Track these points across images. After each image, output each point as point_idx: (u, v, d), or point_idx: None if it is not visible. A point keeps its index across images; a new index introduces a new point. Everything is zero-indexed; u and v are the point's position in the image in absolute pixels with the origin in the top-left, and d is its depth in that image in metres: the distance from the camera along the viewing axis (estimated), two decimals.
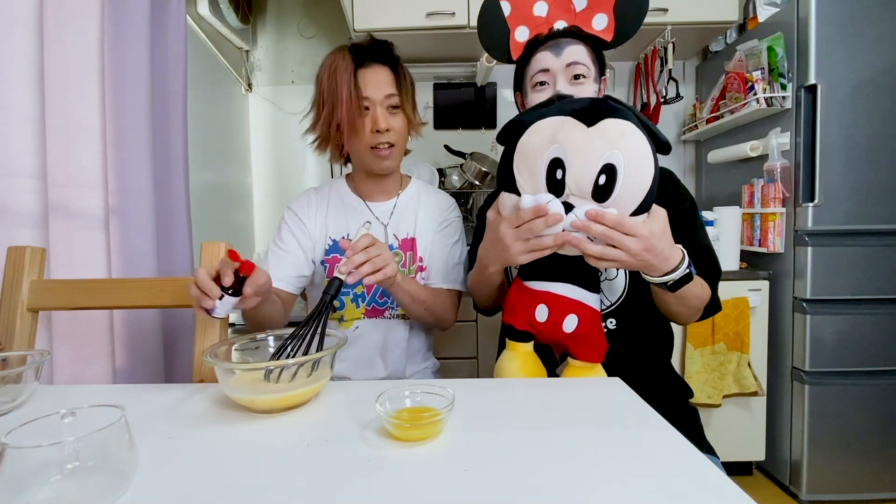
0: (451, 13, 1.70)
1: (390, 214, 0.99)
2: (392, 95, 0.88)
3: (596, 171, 0.60)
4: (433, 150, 2.11)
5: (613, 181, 0.60)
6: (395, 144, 0.91)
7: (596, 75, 0.82)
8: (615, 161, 0.60)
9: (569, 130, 0.62)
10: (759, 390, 1.55)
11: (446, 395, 0.51)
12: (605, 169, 0.60)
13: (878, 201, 1.46)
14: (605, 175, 0.60)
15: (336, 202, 0.99)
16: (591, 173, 0.61)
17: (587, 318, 0.70)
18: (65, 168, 0.88)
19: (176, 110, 1.17)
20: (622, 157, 0.60)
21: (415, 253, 0.97)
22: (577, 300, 0.70)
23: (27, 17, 0.78)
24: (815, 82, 1.44)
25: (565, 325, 0.70)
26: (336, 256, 0.95)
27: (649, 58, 1.92)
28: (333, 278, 0.71)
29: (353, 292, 0.95)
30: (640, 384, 0.64)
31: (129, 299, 0.76)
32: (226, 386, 0.56)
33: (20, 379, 0.58)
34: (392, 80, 0.89)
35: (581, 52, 0.80)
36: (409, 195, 1.02)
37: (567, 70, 0.80)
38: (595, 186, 0.61)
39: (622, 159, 0.60)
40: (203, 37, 1.76)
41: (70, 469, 0.37)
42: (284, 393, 0.55)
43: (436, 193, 1.05)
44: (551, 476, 0.41)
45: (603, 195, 0.61)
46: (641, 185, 0.61)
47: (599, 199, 0.61)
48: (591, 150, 0.61)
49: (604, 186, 0.61)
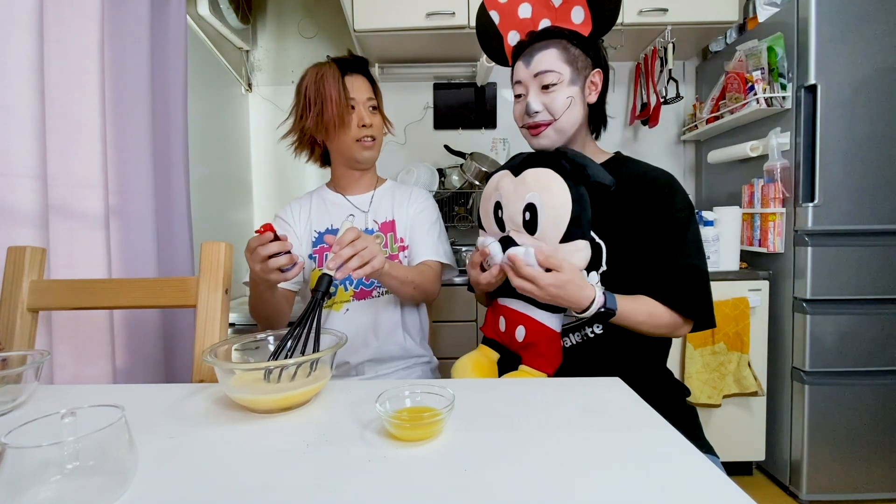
0: (451, 13, 1.70)
1: (369, 203, 1.09)
2: (371, 99, 1.04)
3: (521, 210, 0.76)
4: (433, 150, 2.12)
5: (536, 217, 0.75)
6: (376, 139, 1.05)
7: (573, 76, 0.82)
8: (534, 200, 0.75)
9: (504, 181, 0.81)
10: (759, 390, 1.55)
11: (446, 395, 0.51)
12: (528, 207, 0.75)
13: (878, 201, 1.46)
14: (528, 212, 0.75)
15: (318, 201, 1.11)
16: (518, 211, 0.76)
17: (534, 329, 0.80)
18: (65, 168, 0.88)
19: (176, 110, 1.17)
20: (539, 197, 0.74)
21: (395, 234, 1.06)
22: (524, 313, 0.81)
23: (27, 17, 0.78)
24: (815, 82, 1.44)
25: (517, 334, 0.82)
26: (323, 247, 1.04)
27: (649, 58, 1.93)
28: (323, 275, 0.71)
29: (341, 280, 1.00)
30: (634, 386, 0.64)
31: (129, 299, 0.76)
32: (226, 386, 0.56)
33: (20, 379, 0.58)
34: (370, 87, 1.05)
35: (550, 58, 0.81)
36: (384, 189, 1.13)
37: (536, 80, 0.82)
38: (524, 221, 0.76)
39: (539, 199, 0.74)
40: (203, 37, 1.76)
41: (70, 469, 0.37)
42: (284, 393, 0.55)
43: (409, 188, 1.15)
44: (551, 476, 0.41)
45: (531, 228, 0.75)
46: (560, 217, 0.73)
47: (530, 231, 0.76)
48: (517, 194, 0.77)
49: (529, 221, 0.75)
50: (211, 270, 0.74)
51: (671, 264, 0.78)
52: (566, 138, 0.84)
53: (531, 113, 0.83)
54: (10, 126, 0.77)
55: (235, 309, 1.64)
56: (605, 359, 0.80)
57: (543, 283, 0.70)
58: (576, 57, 0.82)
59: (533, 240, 0.75)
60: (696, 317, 0.79)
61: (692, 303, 0.78)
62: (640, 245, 0.79)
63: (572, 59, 0.82)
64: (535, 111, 0.82)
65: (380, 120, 1.07)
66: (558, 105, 0.81)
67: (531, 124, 0.84)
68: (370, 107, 1.04)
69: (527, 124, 0.86)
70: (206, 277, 0.74)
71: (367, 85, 1.05)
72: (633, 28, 1.76)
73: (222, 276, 0.75)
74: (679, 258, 0.79)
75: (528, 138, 0.87)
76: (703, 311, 0.79)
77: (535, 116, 0.83)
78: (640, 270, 0.79)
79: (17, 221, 0.79)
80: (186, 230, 1.21)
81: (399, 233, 1.07)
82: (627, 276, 0.79)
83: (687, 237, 0.80)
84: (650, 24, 1.73)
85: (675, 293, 0.78)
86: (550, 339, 0.79)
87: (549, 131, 0.83)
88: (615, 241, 0.80)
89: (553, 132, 0.83)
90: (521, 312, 0.81)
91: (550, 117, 0.82)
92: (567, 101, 0.81)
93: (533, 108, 0.82)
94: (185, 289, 0.76)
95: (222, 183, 1.93)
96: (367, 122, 1.02)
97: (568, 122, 0.83)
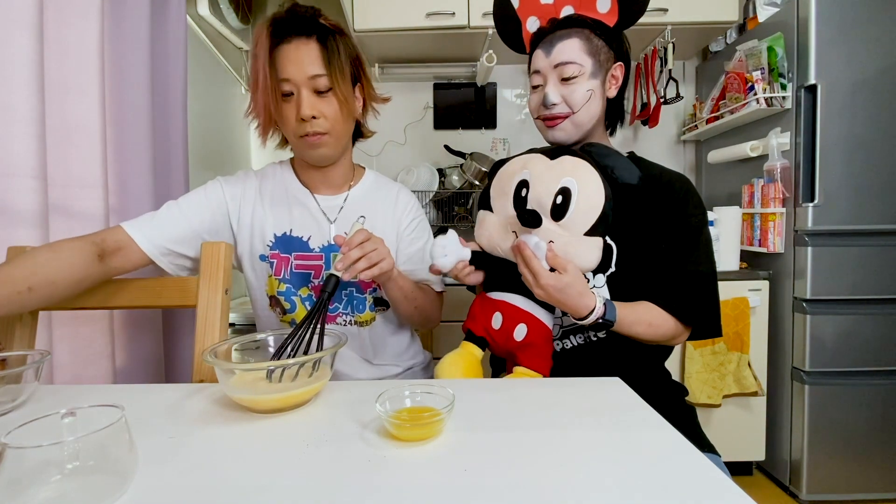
0: (451, 13, 1.70)
1: (339, 210, 0.88)
2: (318, 76, 0.75)
3: (554, 192, 0.70)
4: (433, 150, 2.12)
5: (568, 202, 0.70)
6: (330, 132, 0.79)
7: (594, 69, 0.78)
8: (570, 185, 0.70)
9: (535, 161, 0.75)
10: (759, 390, 1.55)
11: (446, 395, 0.51)
12: (562, 191, 0.70)
13: (878, 201, 1.46)
14: (561, 195, 0.70)
15: (280, 193, 0.88)
16: (550, 193, 0.71)
17: (536, 329, 0.77)
18: (65, 168, 0.88)
19: (176, 110, 1.17)
20: (576, 183, 0.70)
21: None
22: (528, 311, 0.77)
23: (27, 18, 0.78)
24: (815, 82, 1.44)
25: (516, 333, 0.77)
26: (277, 254, 0.87)
27: (649, 58, 1.92)
28: (330, 275, 0.70)
29: (300, 294, 0.88)
30: (633, 386, 0.64)
31: (129, 299, 0.76)
32: (226, 386, 0.56)
33: (20, 379, 0.58)
34: (319, 55, 0.75)
35: (572, 48, 0.77)
36: (361, 191, 0.92)
37: (555, 71, 0.79)
38: (553, 205, 0.70)
39: (576, 185, 0.70)
40: (203, 37, 1.76)
41: (70, 469, 0.37)
42: (285, 393, 0.55)
43: (395, 189, 0.95)
44: (551, 476, 0.41)
45: (559, 214, 0.70)
46: (593, 208, 0.70)
47: (556, 217, 0.70)
48: (551, 175, 0.72)
49: (560, 206, 0.70)
50: (211, 270, 0.74)
51: (678, 270, 0.76)
52: (583, 133, 0.81)
53: (548, 105, 0.79)
54: (10, 126, 0.77)
55: (235, 309, 1.64)
56: (605, 360, 0.80)
57: (543, 281, 0.67)
58: (598, 48, 0.78)
59: (556, 225, 0.70)
60: (697, 324, 0.77)
61: (694, 310, 0.76)
62: (651, 248, 0.77)
63: (595, 51, 0.78)
64: (553, 103, 0.79)
65: (333, 105, 0.77)
66: (577, 98, 0.78)
67: (547, 116, 0.81)
68: (317, 89, 0.76)
69: (543, 116, 0.81)
70: (206, 277, 0.74)
71: (316, 53, 0.75)
72: (633, 28, 1.72)
73: (222, 276, 0.75)
74: (687, 264, 0.77)
75: (543, 130, 0.84)
76: (705, 319, 0.77)
77: (553, 108, 0.79)
78: (648, 273, 0.77)
79: (17, 221, 0.78)
80: None
81: None
82: (635, 279, 0.78)
83: (698, 243, 0.77)
84: (650, 24, 1.73)
85: (678, 299, 0.76)
86: (548, 339, 0.78)
87: (566, 124, 0.80)
88: (627, 242, 0.78)
89: (570, 125, 0.80)
90: (523, 310, 0.77)
91: (569, 110, 0.79)
92: (587, 95, 0.78)
93: (551, 99, 0.78)
94: (185, 289, 0.76)
95: None
96: (307, 113, 0.75)
97: (586, 115, 0.79)
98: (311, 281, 0.86)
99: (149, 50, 1.04)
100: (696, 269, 0.77)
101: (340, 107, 0.78)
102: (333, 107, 0.78)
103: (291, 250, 0.87)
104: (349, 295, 0.90)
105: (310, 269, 0.87)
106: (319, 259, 0.87)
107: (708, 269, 0.78)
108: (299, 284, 0.87)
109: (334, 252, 0.87)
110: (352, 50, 0.82)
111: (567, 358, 0.80)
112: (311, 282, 0.85)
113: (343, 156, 0.88)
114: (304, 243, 0.87)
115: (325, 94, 0.77)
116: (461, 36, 1.78)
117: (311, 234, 0.88)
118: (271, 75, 0.74)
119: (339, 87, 0.77)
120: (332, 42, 0.76)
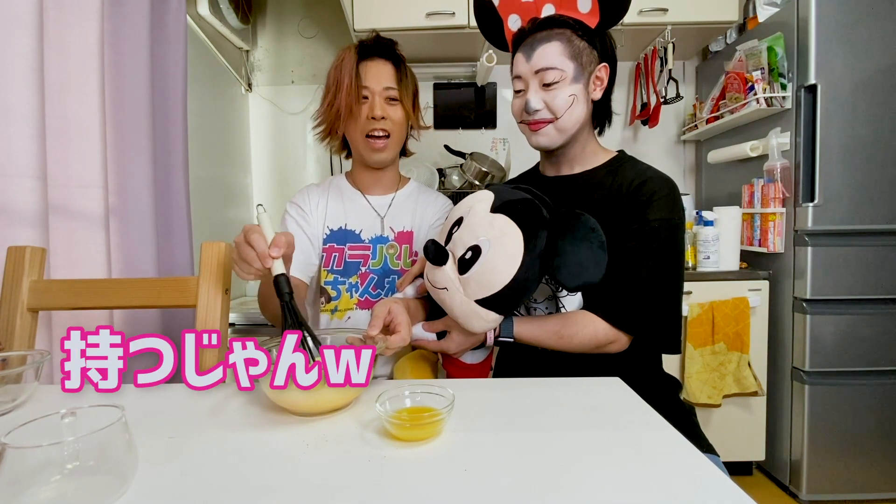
0: (451, 13, 1.70)
1: (388, 207, 1.01)
2: (391, 88, 0.93)
3: (468, 245, 0.68)
4: (433, 150, 2.11)
5: (474, 261, 0.67)
6: (391, 135, 0.94)
7: (577, 73, 0.77)
8: (483, 247, 0.67)
9: (480, 206, 0.71)
10: (759, 390, 1.55)
11: (446, 395, 0.50)
12: (473, 248, 0.67)
13: (878, 201, 1.46)
14: (471, 252, 0.67)
15: (335, 194, 1.02)
16: (465, 245, 0.68)
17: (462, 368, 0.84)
18: (65, 168, 0.88)
19: (176, 110, 1.17)
20: (490, 248, 0.66)
21: (411, 246, 0.99)
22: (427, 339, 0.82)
23: (27, 17, 0.78)
24: (815, 82, 1.44)
25: None
26: (333, 246, 0.97)
27: (649, 58, 1.93)
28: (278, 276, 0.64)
29: (348, 282, 0.96)
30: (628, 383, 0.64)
31: (129, 299, 0.76)
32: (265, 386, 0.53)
33: (20, 379, 0.58)
34: (393, 74, 0.93)
35: (553, 53, 0.76)
36: (406, 193, 1.05)
37: (537, 77, 0.78)
38: (462, 257, 0.68)
39: (489, 250, 0.66)
40: (203, 37, 1.76)
41: (70, 469, 0.37)
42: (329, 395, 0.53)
43: (434, 194, 1.07)
44: (551, 476, 0.41)
45: (463, 268, 0.68)
46: (493, 282, 0.66)
47: (461, 270, 0.68)
48: (478, 227, 0.69)
49: (468, 261, 0.68)
50: (211, 270, 0.74)
51: (617, 272, 0.73)
52: (567, 137, 0.81)
53: (530, 111, 0.79)
54: (10, 126, 0.77)
55: (235, 309, 1.64)
56: (601, 358, 0.78)
57: (449, 351, 0.77)
58: (580, 51, 0.77)
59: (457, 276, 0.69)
60: (637, 331, 0.74)
61: (628, 315, 0.73)
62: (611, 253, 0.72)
63: (576, 54, 0.77)
64: (536, 109, 0.78)
65: (401, 114, 0.94)
66: (559, 104, 0.77)
67: (530, 121, 0.81)
68: (388, 97, 0.93)
69: (526, 121, 0.82)
70: (206, 277, 0.74)
71: (391, 72, 0.93)
72: (633, 28, 1.76)
73: (222, 276, 0.75)
74: (628, 268, 0.74)
75: (528, 134, 0.84)
76: (645, 326, 0.74)
77: (535, 115, 0.79)
78: None
79: (17, 221, 0.78)
80: (186, 230, 1.21)
81: (416, 246, 0.99)
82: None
83: (649, 248, 0.74)
84: (650, 23, 1.73)
85: (610, 303, 0.74)
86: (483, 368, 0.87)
87: (549, 129, 0.80)
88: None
89: (553, 130, 0.80)
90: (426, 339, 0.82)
91: (551, 115, 0.79)
92: (569, 100, 0.77)
93: (533, 106, 0.78)
94: (185, 289, 0.76)
95: (222, 183, 1.93)
96: (378, 113, 0.91)
97: (569, 121, 0.79)
98: (359, 269, 0.97)
99: (149, 50, 1.04)
100: (636, 273, 0.74)
101: (404, 115, 0.95)
102: (399, 114, 0.94)
103: (346, 241, 0.98)
104: (390, 283, 0.97)
105: (360, 258, 0.98)
106: (368, 249, 0.98)
107: (654, 273, 0.74)
108: (351, 273, 0.96)
109: (380, 244, 0.98)
110: (415, 80, 0.99)
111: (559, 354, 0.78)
112: (360, 269, 0.97)
113: (394, 162, 1.02)
114: (357, 235, 0.98)
115: (393, 104, 0.94)
116: (461, 36, 1.78)
117: (362, 228, 0.99)
118: (356, 82, 0.90)
119: (404, 100, 0.94)
120: (403, 67, 0.96)
